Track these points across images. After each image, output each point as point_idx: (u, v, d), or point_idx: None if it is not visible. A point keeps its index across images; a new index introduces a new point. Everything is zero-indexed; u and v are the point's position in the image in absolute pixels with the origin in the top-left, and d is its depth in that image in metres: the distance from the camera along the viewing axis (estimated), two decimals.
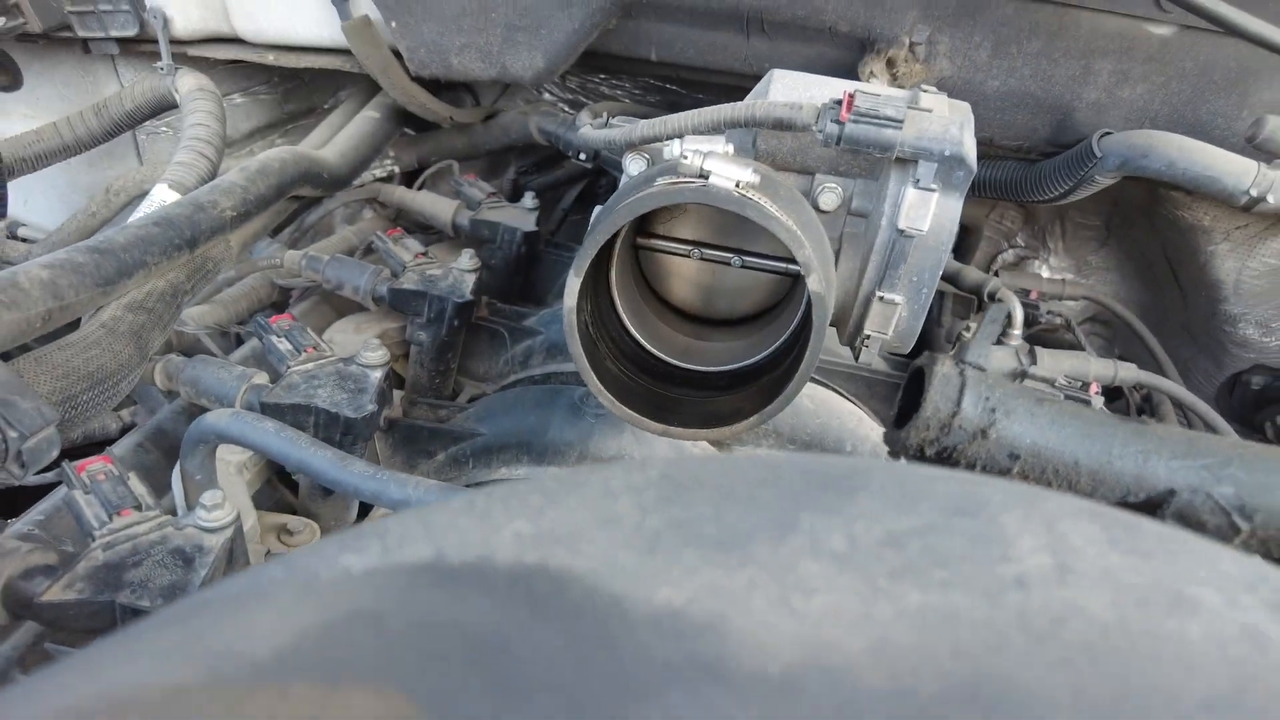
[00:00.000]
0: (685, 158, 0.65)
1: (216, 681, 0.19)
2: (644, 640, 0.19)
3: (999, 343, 0.89)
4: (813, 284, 0.61)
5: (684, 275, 0.87)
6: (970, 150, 0.68)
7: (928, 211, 0.69)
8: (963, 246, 1.36)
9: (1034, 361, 0.85)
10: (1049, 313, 1.15)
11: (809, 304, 0.64)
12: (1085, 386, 0.84)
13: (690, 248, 0.83)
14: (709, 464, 0.28)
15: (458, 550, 0.23)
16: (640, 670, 0.18)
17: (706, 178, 0.62)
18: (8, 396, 0.60)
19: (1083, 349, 1.09)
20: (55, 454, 0.64)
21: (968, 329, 0.96)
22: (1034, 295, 1.15)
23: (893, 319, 0.75)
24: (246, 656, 0.19)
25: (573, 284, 0.64)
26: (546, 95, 1.46)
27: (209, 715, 0.18)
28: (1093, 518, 0.24)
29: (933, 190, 0.68)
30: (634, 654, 0.19)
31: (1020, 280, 1.27)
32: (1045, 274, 1.43)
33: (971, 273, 1.05)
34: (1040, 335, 1.16)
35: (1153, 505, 0.43)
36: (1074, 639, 0.20)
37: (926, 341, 1.15)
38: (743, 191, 0.61)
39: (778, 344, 0.80)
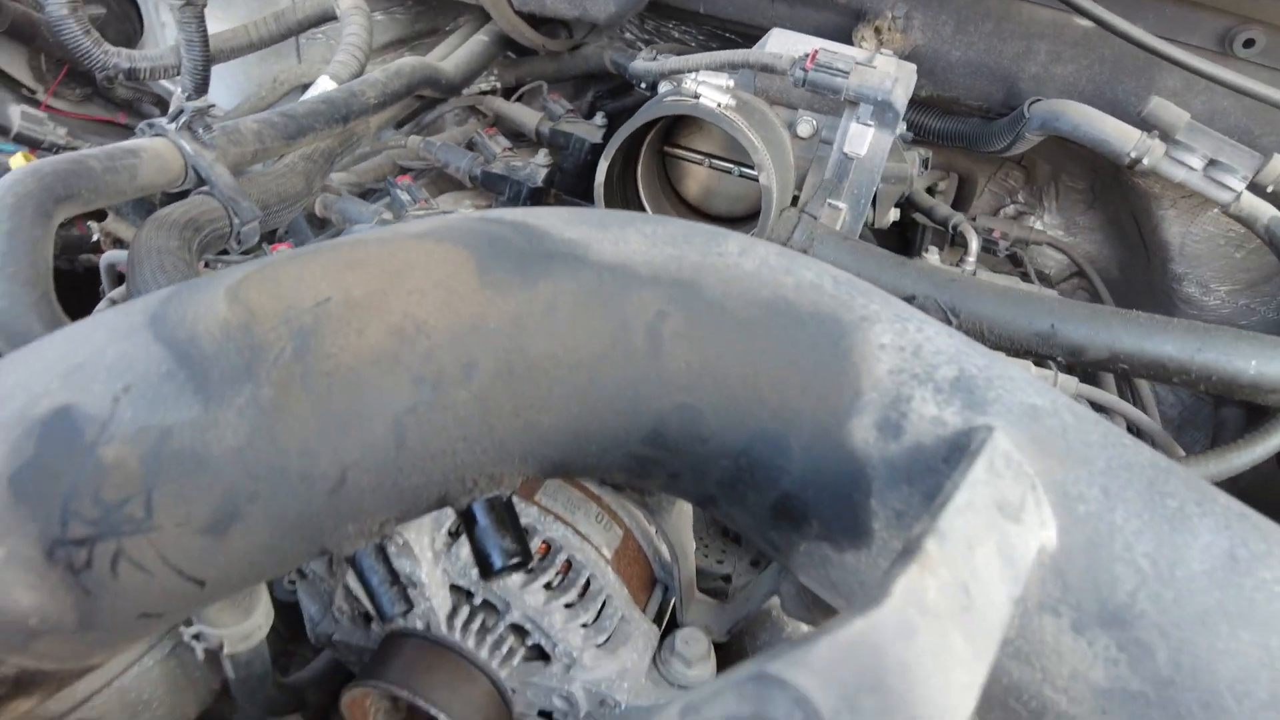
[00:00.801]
0: (690, 85, 0.92)
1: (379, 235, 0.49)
2: (561, 247, 0.49)
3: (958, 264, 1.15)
4: (762, 179, 0.89)
5: (697, 179, 1.15)
6: (899, 99, 0.93)
7: (865, 141, 0.95)
8: (960, 195, 1.58)
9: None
10: (1008, 249, 1.38)
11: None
12: None
13: (703, 158, 1.11)
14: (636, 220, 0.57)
15: (502, 216, 0.53)
16: (556, 251, 0.48)
17: (697, 98, 0.90)
18: (234, 196, 0.94)
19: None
20: (256, 240, 0.98)
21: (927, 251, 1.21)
22: (996, 234, 1.38)
23: (838, 220, 1.01)
24: (395, 228, 0.50)
25: (602, 165, 0.93)
26: (627, 35, 1.73)
27: (369, 243, 0.48)
28: (777, 250, 0.52)
29: (869, 126, 0.94)
30: (561, 249, 0.49)
31: (1010, 229, 1.49)
32: (1036, 229, 1.64)
33: (943, 208, 1.30)
34: (996, 268, 1.39)
35: None
36: (735, 275, 0.49)
37: None
38: (722, 110, 0.89)
39: (753, 232, 1.08)
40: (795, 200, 1.05)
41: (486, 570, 0.50)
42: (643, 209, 1.08)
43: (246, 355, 0.44)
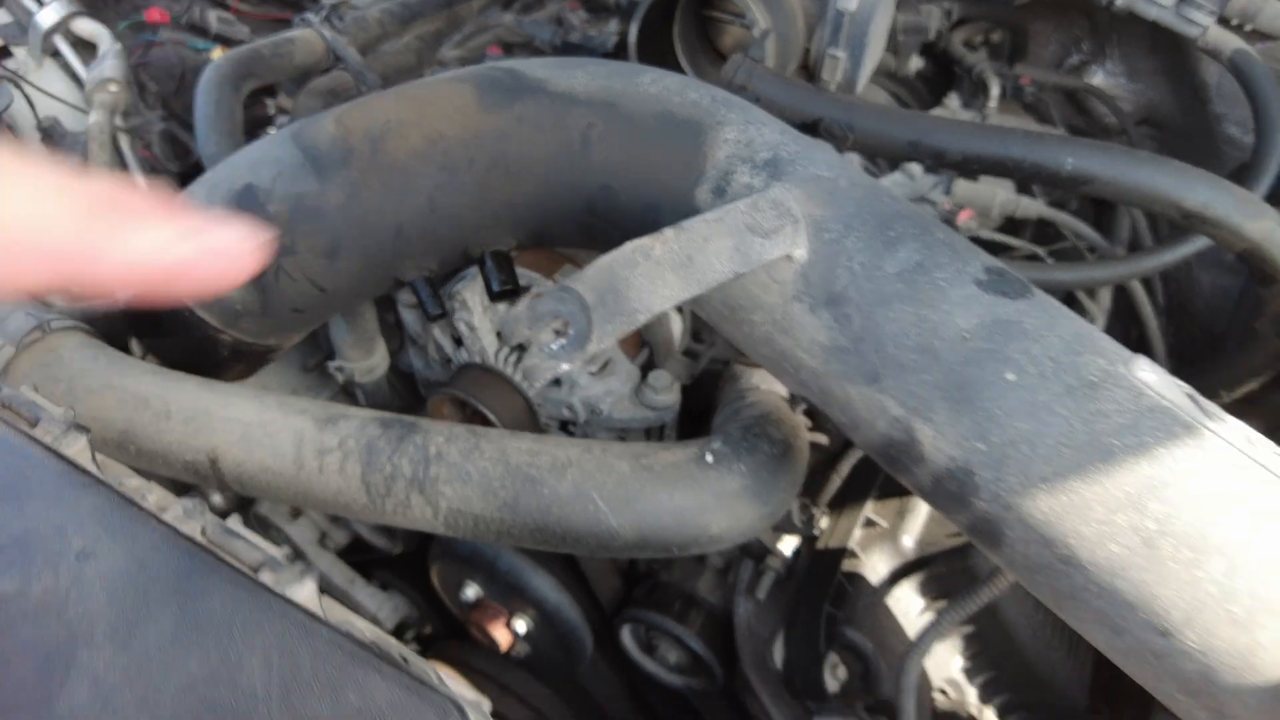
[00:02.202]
0: None
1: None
2: (532, 83, 0.75)
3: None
4: (755, 31, 1.09)
5: (732, 36, 1.34)
6: None
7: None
8: (1016, 47, 1.65)
9: None
10: (1033, 95, 1.47)
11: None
12: None
13: (734, 18, 1.30)
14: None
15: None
16: (528, 85, 0.74)
17: None
18: (362, 70, 1.25)
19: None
20: None
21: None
22: (1024, 80, 1.47)
23: (838, 68, 1.19)
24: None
25: (632, 28, 1.16)
26: None
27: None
28: (679, 80, 0.76)
29: None
30: (532, 84, 0.75)
31: (1048, 77, 1.57)
32: (1100, 78, 1.68)
33: (972, 58, 1.41)
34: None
35: (810, 128, 0.89)
36: (643, 96, 0.73)
37: None
38: None
39: None
40: (807, 52, 1.23)
41: (490, 295, 0.79)
42: (678, 67, 1.30)
43: (343, 153, 0.74)
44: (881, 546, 0.94)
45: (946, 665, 0.94)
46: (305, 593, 0.44)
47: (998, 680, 0.98)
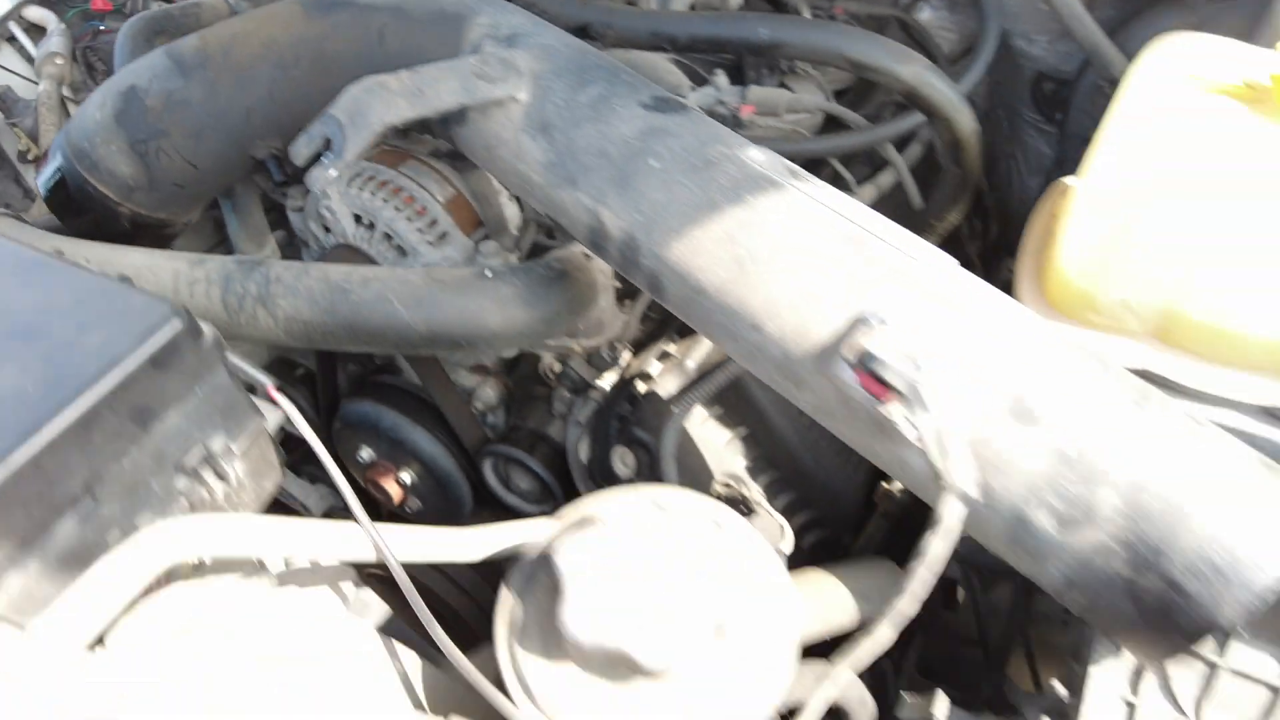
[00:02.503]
0: None
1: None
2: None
3: None
4: None
5: None
6: None
7: None
8: None
9: None
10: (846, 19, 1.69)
11: None
12: None
13: None
14: None
15: None
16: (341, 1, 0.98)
17: None
18: None
19: None
20: None
21: None
22: (838, 10, 1.69)
23: None
24: None
25: None
26: None
27: None
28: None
29: None
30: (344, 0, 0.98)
31: (874, 9, 1.79)
32: (926, 13, 1.89)
33: None
34: None
35: (582, 31, 1.11)
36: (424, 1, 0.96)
37: None
38: None
39: None
40: None
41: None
42: None
43: (202, 58, 0.97)
44: (672, 370, 1.15)
45: (729, 462, 1.15)
46: None
47: (780, 481, 1.18)
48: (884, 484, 1.36)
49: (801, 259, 0.73)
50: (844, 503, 1.23)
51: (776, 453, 1.16)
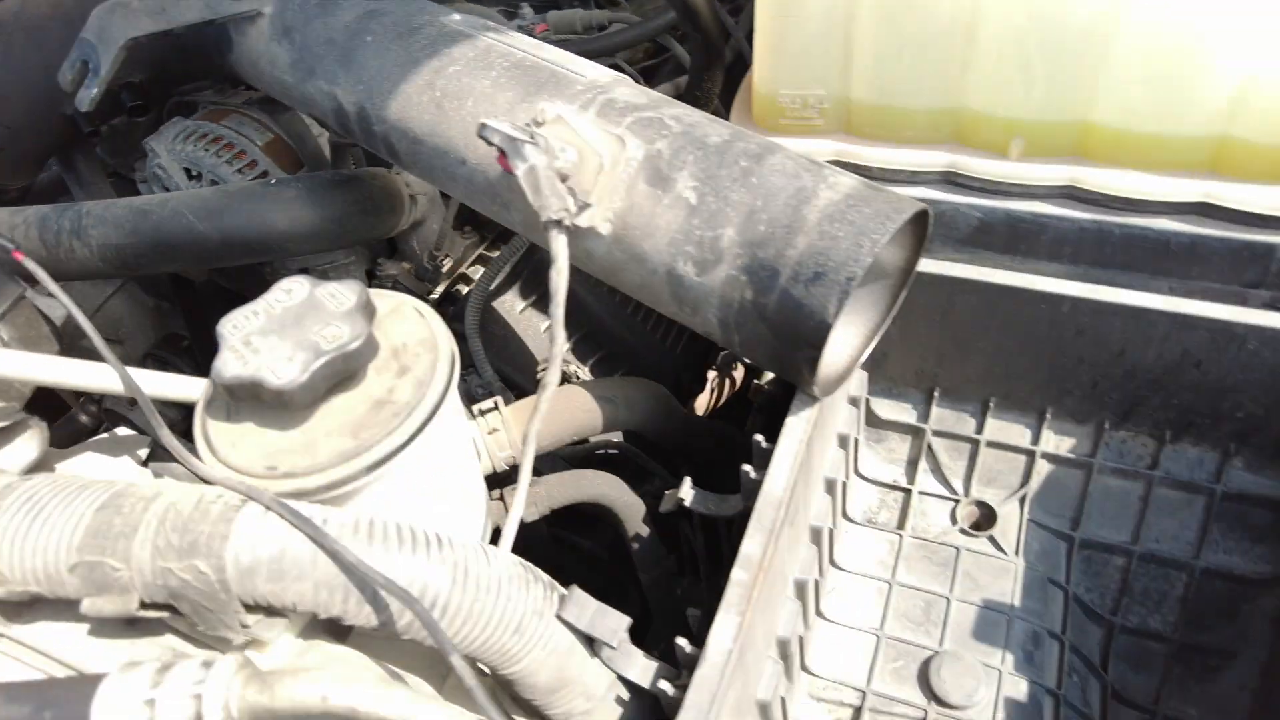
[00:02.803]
0: None
1: None
2: None
3: None
4: None
5: None
6: None
7: None
8: None
9: None
10: None
11: None
12: None
13: None
14: None
15: None
16: None
17: None
18: None
19: None
20: None
21: None
22: None
23: None
24: None
25: None
26: None
27: None
28: None
29: None
30: None
31: None
32: None
33: None
34: None
35: None
36: None
37: None
38: None
39: None
40: None
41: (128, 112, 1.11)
42: None
43: None
44: (490, 270, 1.24)
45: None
46: None
47: (607, 358, 1.26)
48: (756, 380, 1.43)
49: (485, 89, 0.81)
50: (664, 373, 1.30)
51: (598, 332, 1.24)
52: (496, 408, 0.88)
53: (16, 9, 1.07)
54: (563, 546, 1.20)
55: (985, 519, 0.96)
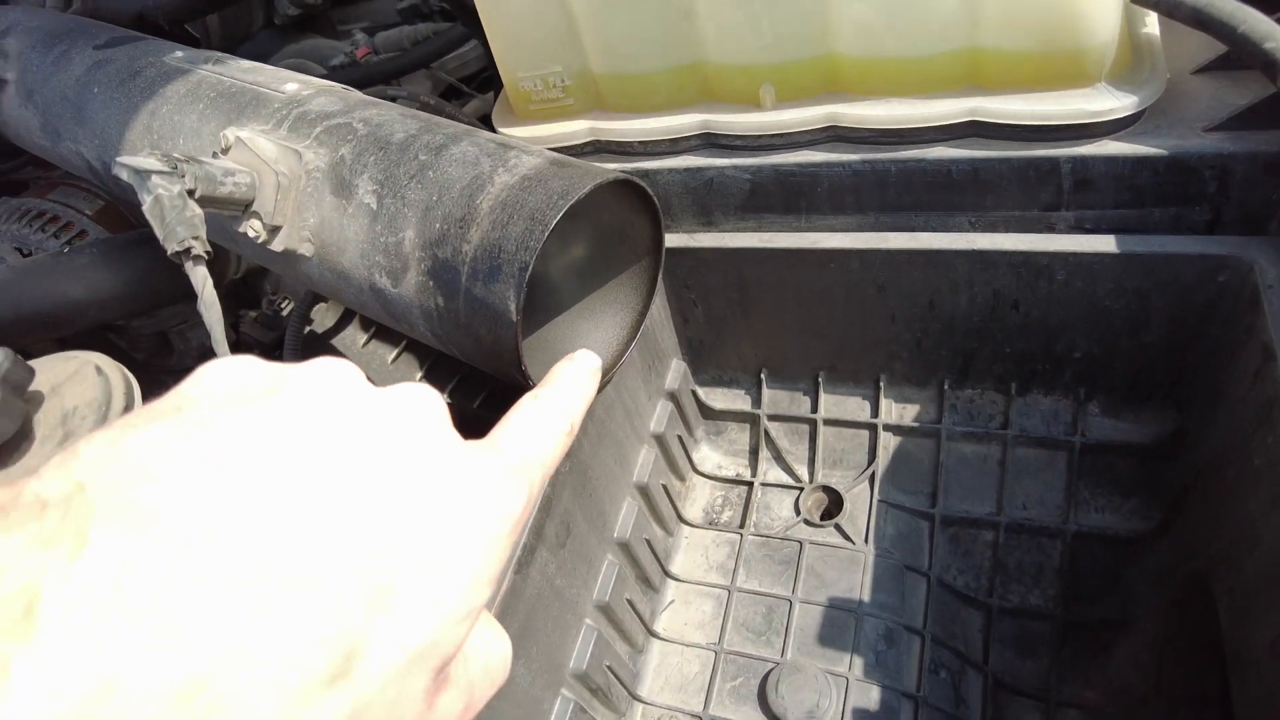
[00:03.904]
0: None
1: None
2: None
3: None
4: None
5: None
6: None
7: None
8: None
9: None
10: None
11: None
12: None
13: None
14: None
15: None
16: None
17: None
18: None
19: None
20: None
21: None
22: None
23: None
24: None
25: None
26: None
27: None
28: None
29: None
30: None
31: None
32: None
33: None
34: None
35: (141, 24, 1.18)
36: None
37: None
38: None
39: None
40: None
41: None
42: None
43: None
44: (332, 308, 1.19)
45: (400, 376, 1.17)
46: None
47: (462, 385, 1.20)
48: None
49: (193, 123, 0.76)
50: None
51: (441, 356, 1.18)
52: None
53: None
54: None
55: (834, 505, 0.86)
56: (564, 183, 0.59)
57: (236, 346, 1.26)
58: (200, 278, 0.60)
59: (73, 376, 0.66)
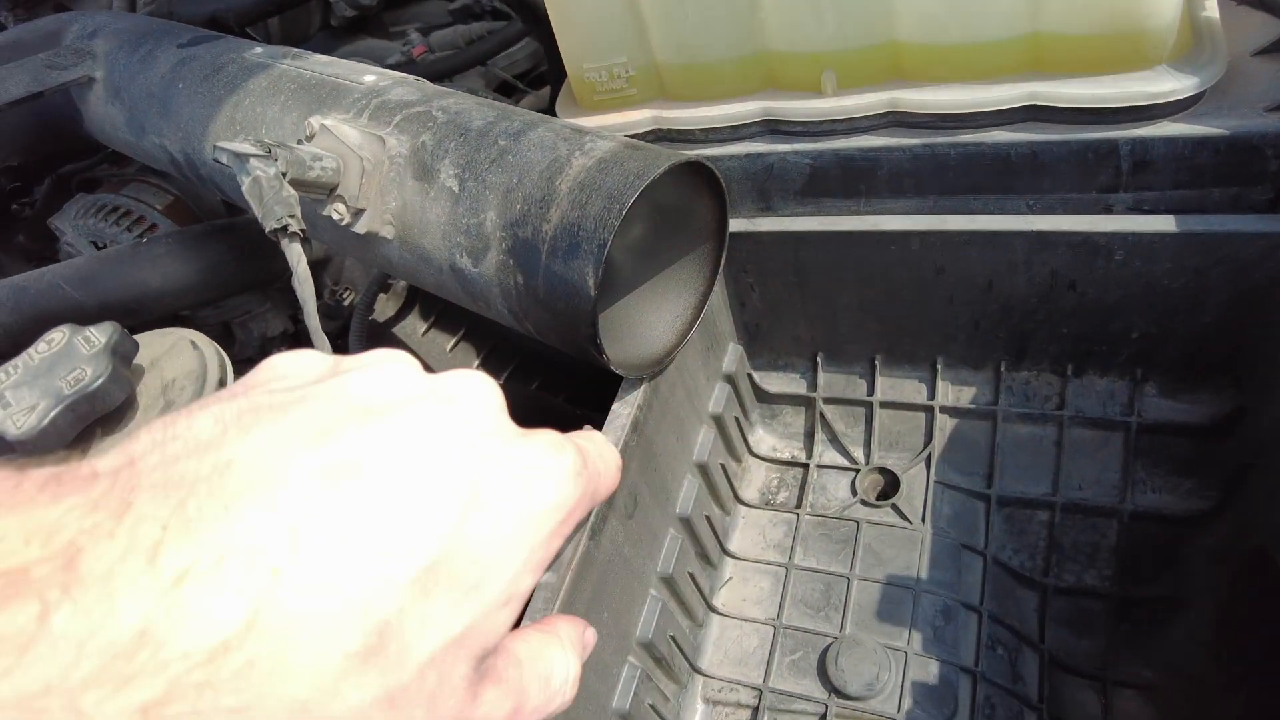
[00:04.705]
0: None
1: None
2: None
3: None
4: None
5: None
6: None
7: None
8: None
9: None
10: None
11: None
12: None
13: None
14: None
15: None
16: None
17: None
18: None
19: None
20: None
21: None
22: None
23: None
24: None
25: None
26: None
27: None
28: None
29: None
30: None
31: None
32: None
33: None
34: None
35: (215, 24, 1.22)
36: None
37: None
38: None
39: None
40: None
41: (12, 194, 1.14)
42: None
43: None
44: (393, 297, 1.23)
45: (461, 361, 1.20)
46: None
47: (519, 370, 1.23)
48: None
49: (275, 114, 0.80)
50: (578, 380, 1.25)
51: (503, 344, 1.21)
52: None
53: None
54: None
55: (890, 486, 0.88)
56: (639, 164, 0.61)
57: (298, 337, 1.30)
58: (295, 254, 0.64)
59: (170, 350, 0.70)
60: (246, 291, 1.22)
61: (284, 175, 0.66)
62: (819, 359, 0.91)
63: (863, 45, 0.73)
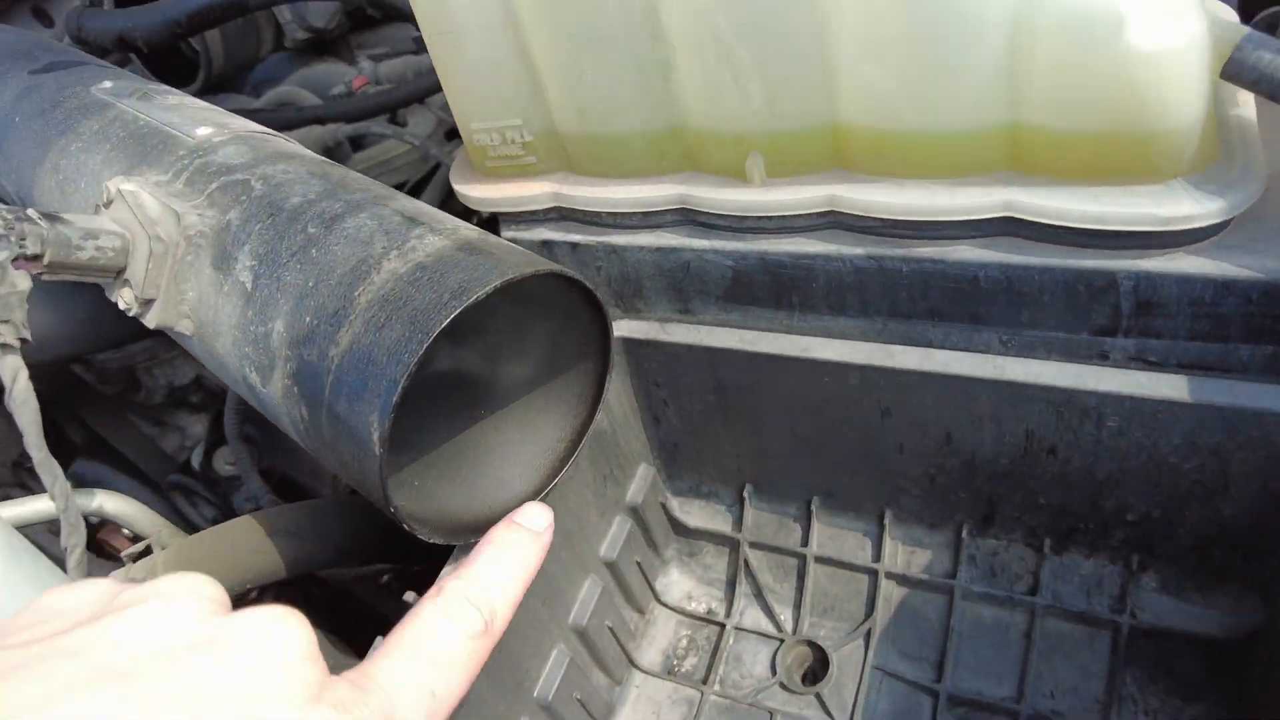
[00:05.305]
0: None
1: None
2: None
3: None
4: None
5: None
6: None
7: None
8: None
9: None
10: None
11: None
12: None
13: None
14: None
15: None
16: None
17: None
18: None
19: None
20: None
21: None
22: None
23: None
24: None
25: None
26: None
27: None
28: None
29: None
30: None
31: None
32: None
33: None
34: None
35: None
36: None
37: None
38: None
39: None
40: None
41: None
42: None
43: None
44: None
45: None
46: None
47: None
48: None
49: (97, 166, 0.66)
50: None
51: None
52: (148, 551, 0.71)
53: None
54: None
55: (818, 666, 0.71)
56: (464, 276, 0.46)
57: (206, 386, 1.18)
58: (10, 370, 0.50)
59: None
60: (144, 338, 1.10)
61: (35, 257, 0.52)
62: (746, 492, 0.75)
63: (797, 127, 0.57)
